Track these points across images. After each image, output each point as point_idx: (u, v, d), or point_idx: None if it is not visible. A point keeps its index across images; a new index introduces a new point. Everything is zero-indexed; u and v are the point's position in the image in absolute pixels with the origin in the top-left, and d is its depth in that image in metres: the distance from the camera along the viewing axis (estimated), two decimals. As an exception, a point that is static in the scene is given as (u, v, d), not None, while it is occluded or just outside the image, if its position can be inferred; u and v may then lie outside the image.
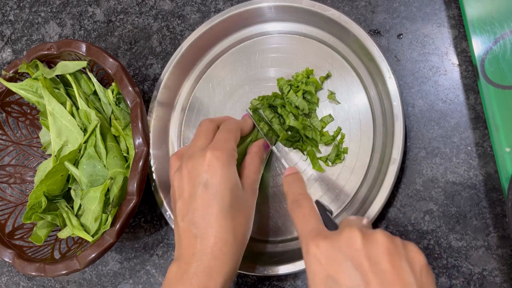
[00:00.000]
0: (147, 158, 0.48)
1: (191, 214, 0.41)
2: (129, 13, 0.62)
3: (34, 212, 0.49)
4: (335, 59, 0.52)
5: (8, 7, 0.68)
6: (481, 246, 0.45)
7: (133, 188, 0.47)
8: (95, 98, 0.55)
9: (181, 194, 0.42)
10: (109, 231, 0.47)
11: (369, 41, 0.48)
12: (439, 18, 0.50)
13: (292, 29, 0.54)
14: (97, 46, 0.51)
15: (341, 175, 0.49)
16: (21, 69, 0.53)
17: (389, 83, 0.47)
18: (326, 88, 0.52)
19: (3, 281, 0.61)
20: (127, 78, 0.49)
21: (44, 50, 0.53)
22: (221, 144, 0.43)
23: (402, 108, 0.46)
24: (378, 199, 0.45)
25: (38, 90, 0.53)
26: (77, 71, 0.53)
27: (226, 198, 0.41)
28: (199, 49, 0.56)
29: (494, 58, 0.44)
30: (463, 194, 0.47)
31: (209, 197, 0.40)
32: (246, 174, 0.45)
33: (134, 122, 0.48)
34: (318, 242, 0.34)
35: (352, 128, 0.50)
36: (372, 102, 0.50)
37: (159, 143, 0.55)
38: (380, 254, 0.32)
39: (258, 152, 0.48)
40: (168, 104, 0.57)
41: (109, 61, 0.50)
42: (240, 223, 0.42)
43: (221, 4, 0.58)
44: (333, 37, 0.52)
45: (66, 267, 0.47)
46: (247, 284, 0.52)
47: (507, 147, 0.42)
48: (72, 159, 0.50)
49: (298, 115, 0.51)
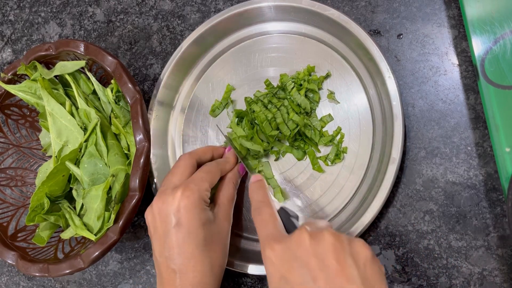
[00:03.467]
0: (148, 153, 0.48)
1: (167, 251, 0.42)
2: (129, 13, 0.62)
3: (37, 214, 0.49)
4: (335, 59, 0.52)
5: (8, 7, 0.68)
6: (481, 246, 0.45)
7: (136, 184, 0.47)
8: (95, 98, 0.55)
9: (155, 231, 0.43)
10: (112, 228, 0.47)
11: (368, 41, 0.48)
12: (439, 18, 0.50)
13: (292, 28, 0.54)
14: (96, 45, 0.51)
15: (341, 174, 0.49)
16: (20, 70, 0.53)
17: (389, 83, 0.47)
18: (325, 87, 0.52)
19: (3, 281, 0.61)
20: (126, 75, 0.49)
21: (42, 50, 0.52)
22: (194, 184, 0.43)
23: (401, 108, 0.46)
24: (378, 199, 0.45)
25: (37, 92, 0.53)
26: (75, 71, 0.53)
27: (200, 235, 0.42)
28: (199, 48, 0.56)
29: (494, 58, 0.44)
30: (463, 194, 0.47)
31: (183, 236, 0.41)
32: (220, 202, 0.46)
33: (135, 118, 0.48)
34: (273, 246, 0.37)
35: (352, 127, 0.50)
36: (372, 101, 0.50)
37: (159, 143, 0.55)
38: (326, 251, 0.34)
39: (233, 178, 0.49)
40: (168, 103, 0.57)
41: (108, 59, 0.50)
42: (216, 253, 0.43)
43: (221, 4, 0.58)
44: (332, 37, 0.52)
45: (70, 266, 0.47)
46: (246, 284, 0.52)
47: (507, 147, 0.42)
48: (73, 158, 0.50)
49: (300, 114, 0.51)
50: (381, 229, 0.48)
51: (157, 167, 0.54)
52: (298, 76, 0.52)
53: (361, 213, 0.46)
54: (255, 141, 0.51)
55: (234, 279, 0.52)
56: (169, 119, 0.57)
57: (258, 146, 0.50)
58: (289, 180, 0.51)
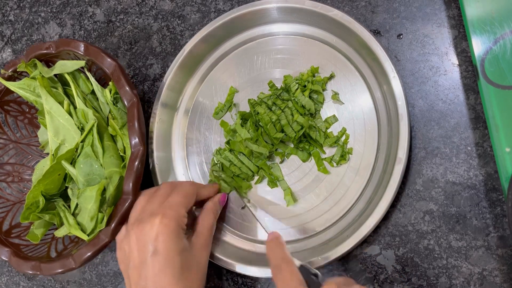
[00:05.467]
0: (143, 157, 0.48)
1: (143, 281, 0.41)
2: (129, 13, 0.62)
3: (32, 212, 0.49)
4: (339, 60, 0.52)
5: (8, 7, 0.68)
6: (481, 246, 0.45)
7: (129, 187, 0.47)
8: (93, 98, 0.55)
9: (131, 260, 0.43)
10: (104, 230, 0.47)
11: (372, 41, 0.48)
12: (439, 18, 0.50)
13: (295, 30, 0.54)
14: (95, 46, 0.51)
15: (346, 175, 0.49)
16: (20, 68, 0.53)
17: (394, 83, 0.47)
18: (329, 88, 0.52)
19: (3, 281, 0.61)
20: (124, 78, 0.50)
21: (42, 49, 0.53)
22: (171, 210, 0.43)
23: (407, 108, 0.46)
24: (384, 200, 0.45)
25: (36, 89, 0.54)
26: (75, 70, 0.54)
27: (177, 264, 0.41)
28: (202, 51, 0.56)
29: (494, 58, 0.44)
30: (463, 194, 0.47)
31: (159, 265, 0.41)
32: (199, 231, 0.46)
33: (131, 121, 0.48)
34: None
35: (357, 128, 0.50)
36: (376, 102, 0.50)
37: (163, 145, 0.55)
38: None
39: (213, 208, 0.48)
40: (172, 105, 0.57)
41: (107, 60, 0.50)
42: (193, 282, 0.42)
43: (221, 4, 0.58)
44: (336, 38, 0.53)
45: (61, 266, 0.47)
46: (246, 284, 0.52)
47: (507, 147, 0.42)
48: (69, 158, 0.50)
49: (304, 115, 0.50)
50: (381, 229, 0.48)
51: (160, 169, 0.54)
52: (302, 77, 0.52)
53: (368, 214, 0.46)
54: (260, 143, 0.51)
55: (234, 278, 0.52)
56: (172, 122, 0.57)
57: (263, 149, 0.50)
58: (294, 182, 0.51)
